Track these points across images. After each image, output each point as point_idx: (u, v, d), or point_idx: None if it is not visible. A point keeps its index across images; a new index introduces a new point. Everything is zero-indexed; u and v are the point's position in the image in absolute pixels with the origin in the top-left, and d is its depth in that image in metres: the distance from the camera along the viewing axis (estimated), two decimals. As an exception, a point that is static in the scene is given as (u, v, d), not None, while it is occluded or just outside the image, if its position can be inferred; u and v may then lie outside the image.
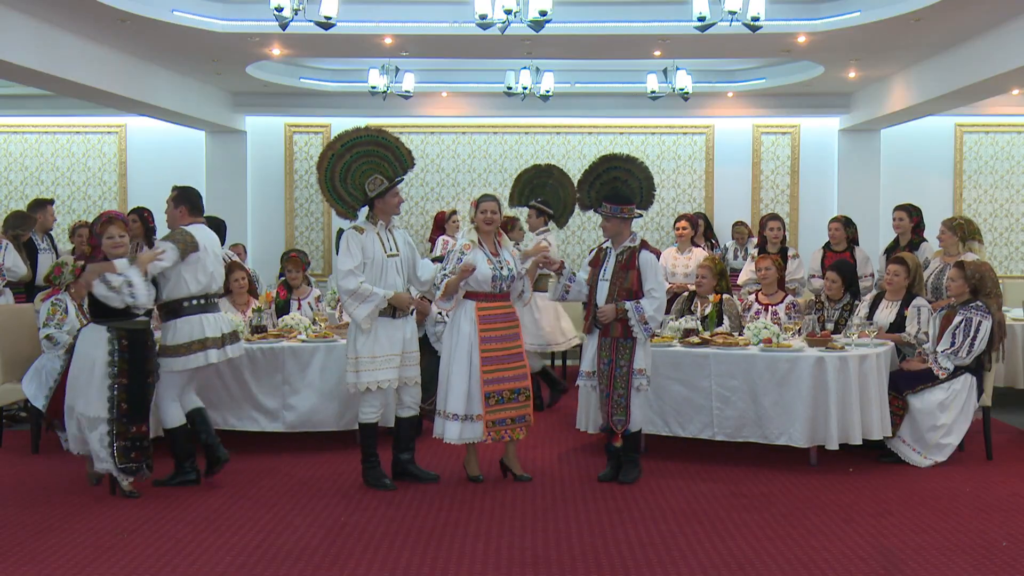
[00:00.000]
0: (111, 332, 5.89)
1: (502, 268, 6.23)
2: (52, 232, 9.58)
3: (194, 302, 6.14)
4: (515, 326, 6.30)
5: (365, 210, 6.25)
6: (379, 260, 6.09)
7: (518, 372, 6.23)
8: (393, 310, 6.10)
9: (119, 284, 5.80)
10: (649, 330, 6.10)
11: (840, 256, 8.67)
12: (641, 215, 6.40)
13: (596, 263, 6.33)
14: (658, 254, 6.33)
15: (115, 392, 5.86)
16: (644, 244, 6.26)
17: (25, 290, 8.65)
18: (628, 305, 6.07)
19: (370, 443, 6.22)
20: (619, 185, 6.37)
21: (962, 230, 8.13)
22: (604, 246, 6.36)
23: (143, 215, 6.94)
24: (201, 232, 6.24)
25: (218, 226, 8.55)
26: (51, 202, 9.53)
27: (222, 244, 8.46)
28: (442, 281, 6.17)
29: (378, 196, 6.14)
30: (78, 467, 6.66)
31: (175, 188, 6.43)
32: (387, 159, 6.21)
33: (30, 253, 8.95)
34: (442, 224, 11.46)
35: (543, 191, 7.91)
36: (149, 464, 6.03)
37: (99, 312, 5.92)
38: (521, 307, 6.52)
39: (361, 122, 13.78)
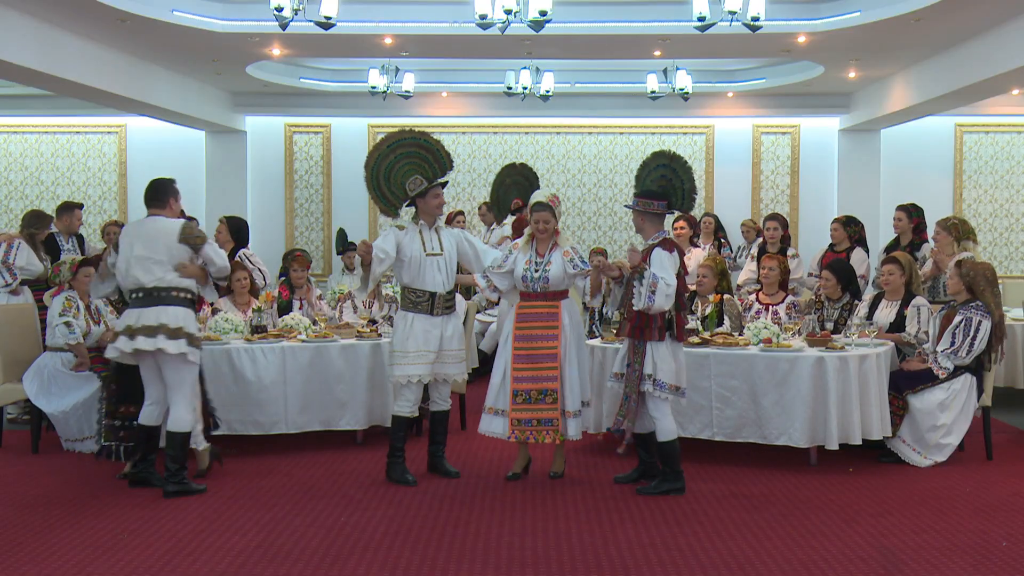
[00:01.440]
0: None
1: (536, 270, 6.25)
2: (82, 234, 9.56)
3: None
4: (554, 327, 6.21)
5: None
6: (417, 258, 6.20)
7: (548, 373, 6.18)
8: (431, 307, 6.19)
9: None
10: (652, 299, 5.71)
11: (842, 256, 8.65)
12: (659, 213, 6.04)
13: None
14: (681, 253, 6.07)
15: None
16: (662, 241, 5.98)
17: (46, 287, 8.65)
18: (649, 268, 5.81)
19: (398, 436, 6.29)
20: (664, 184, 6.13)
21: (957, 230, 8.14)
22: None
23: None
24: (130, 226, 6.28)
25: (239, 227, 8.59)
26: (79, 206, 9.49)
27: (244, 245, 8.49)
28: (496, 272, 6.37)
29: (418, 196, 6.27)
30: (78, 467, 6.67)
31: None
32: (428, 161, 6.31)
33: (52, 252, 8.94)
34: (447, 224, 11.49)
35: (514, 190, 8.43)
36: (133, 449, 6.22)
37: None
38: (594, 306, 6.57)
39: (361, 122, 13.92)
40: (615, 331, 6.96)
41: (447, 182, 6.44)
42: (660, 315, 5.85)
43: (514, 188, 8.73)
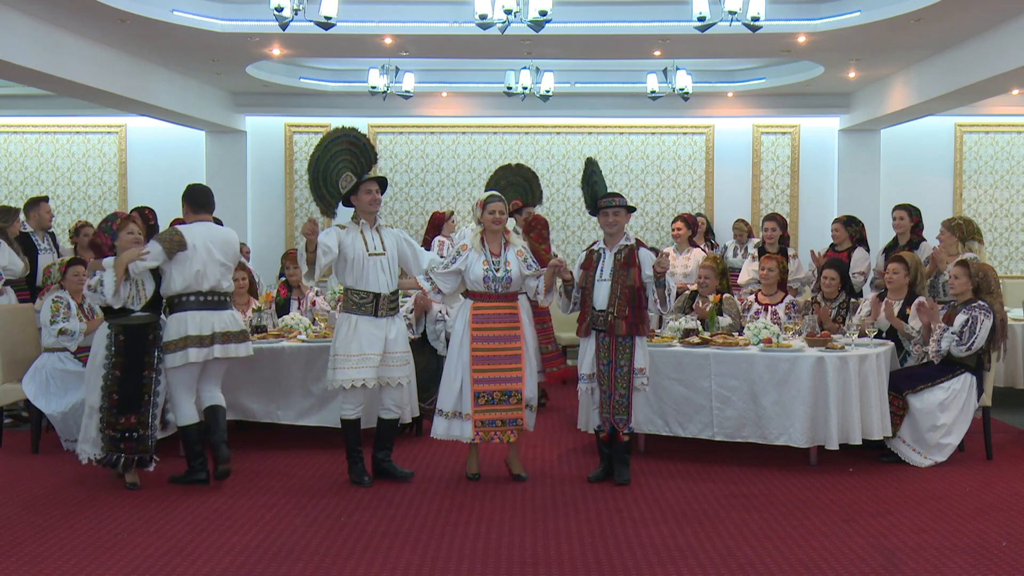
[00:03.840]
0: (110, 328, 6.08)
1: (497, 270, 6.21)
2: (53, 231, 9.48)
3: (184, 299, 6.12)
4: (515, 327, 6.22)
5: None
6: (360, 258, 6.09)
7: (512, 374, 6.17)
8: (375, 308, 6.09)
9: (94, 283, 6.05)
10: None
11: (842, 256, 8.66)
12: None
13: (589, 265, 6.27)
14: (656, 252, 6.24)
15: (107, 383, 6.03)
16: (640, 242, 6.28)
17: (27, 286, 8.61)
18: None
19: (350, 439, 6.26)
20: (598, 188, 6.38)
21: (961, 230, 8.14)
22: (595, 248, 6.32)
23: (144, 213, 6.95)
24: (198, 229, 6.23)
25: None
26: (45, 199, 9.29)
27: None
28: (440, 273, 6.26)
29: (351, 194, 6.18)
30: (78, 467, 6.66)
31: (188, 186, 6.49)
32: (356, 155, 6.24)
33: (29, 252, 8.89)
34: (439, 225, 11.46)
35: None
36: (144, 457, 6.08)
37: (106, 309, 6.17)
38: (542, 305, 6.51)
39: (361, 122, 13.91)
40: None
41: (384, 179, 6.27)
42: (646, 311, 6.16)
43: (511, 189, 8.58)
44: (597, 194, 6.36)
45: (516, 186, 8.45)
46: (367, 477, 6.21)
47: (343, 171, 6.16)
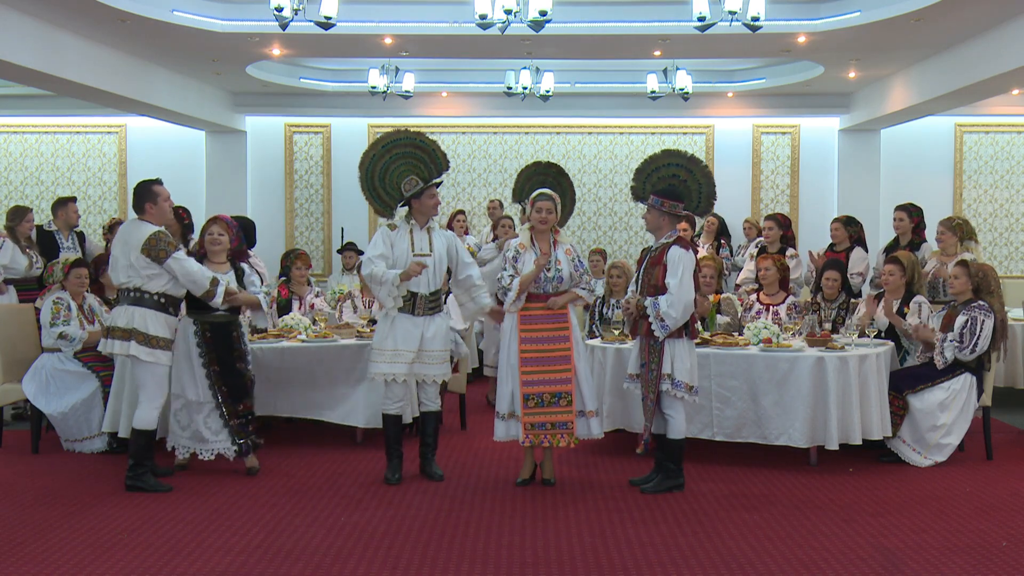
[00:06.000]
0: (196, 324, 6.29)
1: (548, 269, 6.17)
2: (82, 230, 9.48)
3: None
4: (564, 328, 6.16)
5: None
6: (403, 257, 6.16)
7: (561, 376, 6.11)
8: (412, 307, 6.15)
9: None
10: (666, 328, 5.81)
11: (841, 256, 8.66)
12: (687, 215, 6.14)
13: (639, 264, 6.23)
14: (695, 250, 6.07)
15: (213, 378, 6.29)
16: (678, 240, 5.97)
17: (38, 286, 8.58)
18: (647, 301, 5.88)
19: (388, 435, 6.31)
20: (676, 183, 6.06)
21: (961, 230, 8.15)
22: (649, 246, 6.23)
23: (178, 213, 7.08)
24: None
25: (248, 228, 8.48)
26: (73, 199, 9.38)
27: (253, 245, 8.42)
28: (510, 283, 6.17)
29: (413, 196, 6.23)
30: (78, 467, 6.67)
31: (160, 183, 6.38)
32: (424, 161, 6.28)
33: (50, 249, 8.89)
34: (449, 224, 11.48)
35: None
36: (258, 440, 6.53)
37: (190, 305, 6.33)
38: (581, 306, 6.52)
39: (361, 122, 13.89)
40: (619, 331, 6.97)
41: (441, 182, 6.38)
42: None
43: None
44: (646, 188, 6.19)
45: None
46: (395, 477, 6.24)
47: (407, 174, 6.22)
